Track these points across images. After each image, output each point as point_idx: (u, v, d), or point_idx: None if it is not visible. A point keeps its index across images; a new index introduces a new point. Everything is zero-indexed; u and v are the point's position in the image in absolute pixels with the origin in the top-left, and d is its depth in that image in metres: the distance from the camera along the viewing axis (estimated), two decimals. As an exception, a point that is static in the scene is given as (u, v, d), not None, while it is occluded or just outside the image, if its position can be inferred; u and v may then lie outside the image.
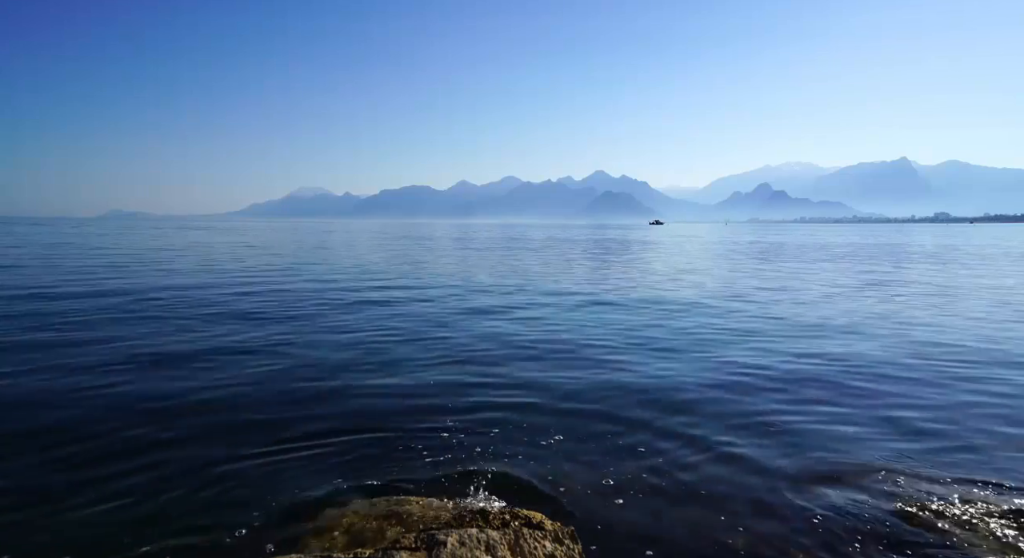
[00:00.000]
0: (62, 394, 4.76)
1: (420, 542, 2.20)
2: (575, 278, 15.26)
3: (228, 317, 8.45)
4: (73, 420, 4.17)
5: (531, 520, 2.38)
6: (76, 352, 6.15)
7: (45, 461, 3.53)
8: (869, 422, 4.39)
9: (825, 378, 5.60)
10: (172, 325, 7.75)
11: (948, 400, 4.96)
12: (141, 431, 4.01)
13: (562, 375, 5.57)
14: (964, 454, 3.82)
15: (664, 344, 7.02)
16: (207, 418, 4.29)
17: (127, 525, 2.86)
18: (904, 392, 5.18)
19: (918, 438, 4.08)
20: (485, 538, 2.22)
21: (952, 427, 4.31)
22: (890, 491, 3.29)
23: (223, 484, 3.29)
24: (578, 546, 2.28)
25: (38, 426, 4.06)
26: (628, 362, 6.12)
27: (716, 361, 6.21)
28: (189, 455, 3.65)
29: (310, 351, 6.44)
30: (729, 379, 5.52)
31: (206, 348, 6.47)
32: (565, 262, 21.17)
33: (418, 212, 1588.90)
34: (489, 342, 7.01)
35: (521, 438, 3.97)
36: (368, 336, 7.26)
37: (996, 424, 4.38)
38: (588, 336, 7.47)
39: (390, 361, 6.04)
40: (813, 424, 4.35)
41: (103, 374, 5.33)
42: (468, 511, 2.49)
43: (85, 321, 7.92)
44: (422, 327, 7.92)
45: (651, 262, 21.71)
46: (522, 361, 6.09)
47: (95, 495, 3.13)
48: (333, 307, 9.67)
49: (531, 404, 4.69)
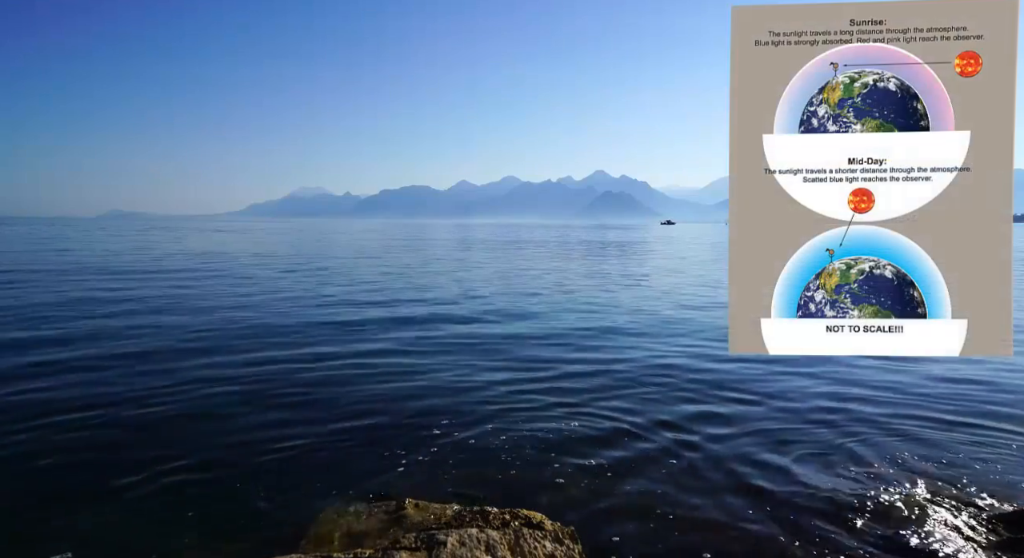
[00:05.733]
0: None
1: (420, 542, 2.20)
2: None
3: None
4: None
5: (531, 520, 2.38)
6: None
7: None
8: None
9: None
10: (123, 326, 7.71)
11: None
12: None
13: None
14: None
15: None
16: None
17: (117, 522, 2.88)
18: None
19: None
20: (485, 538, 2.22)
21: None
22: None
23: (223, 483, 3.31)
24: (578, 546, 2.28)
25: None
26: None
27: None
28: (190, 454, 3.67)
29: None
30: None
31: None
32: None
33: (418, 212, 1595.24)
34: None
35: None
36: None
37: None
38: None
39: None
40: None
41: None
42: (468, 511, 2.49)
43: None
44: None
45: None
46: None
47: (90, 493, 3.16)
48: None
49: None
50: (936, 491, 3.25)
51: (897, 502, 3.13)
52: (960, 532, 2.83)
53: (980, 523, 2.90)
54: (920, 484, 3.32)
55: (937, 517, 2.97)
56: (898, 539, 2.81)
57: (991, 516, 2.95)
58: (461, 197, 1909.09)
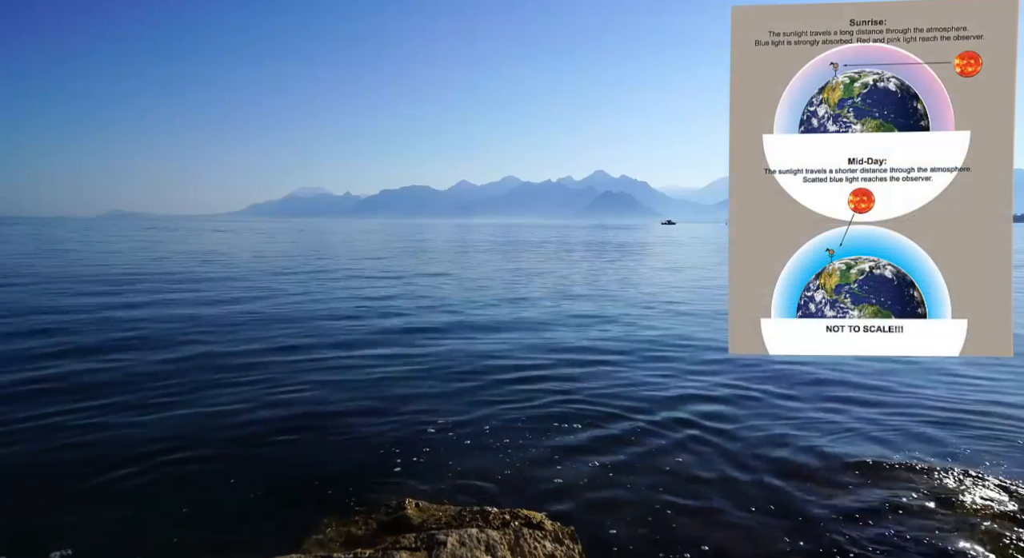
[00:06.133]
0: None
1: (420, 542, 2.20)
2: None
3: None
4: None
5: (531, 520, 2.38)
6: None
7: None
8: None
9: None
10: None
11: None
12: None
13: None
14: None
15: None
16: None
17: (117, 524, 2.88)
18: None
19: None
20: (485, 538, 2.22)
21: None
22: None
23: (223, 483, 3.31)
24: (578, 546, 2.28)
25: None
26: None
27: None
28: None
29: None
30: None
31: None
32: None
33: (418, 212, 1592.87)
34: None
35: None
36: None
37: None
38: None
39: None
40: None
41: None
42: (468, 511, 2.49)
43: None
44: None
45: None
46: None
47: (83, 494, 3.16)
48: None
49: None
50: (937, 487, 3.25)
51: (897, 500, 3.14)
52: (961, 529, 2.83)
53: (980, 517, 2.90)
54: (922, 479, 3.32)
55: (939, 513, 2.97)
56: (899, 537, 2.80)
57: (993, 512, 2.95)
58: (461, 197, 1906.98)
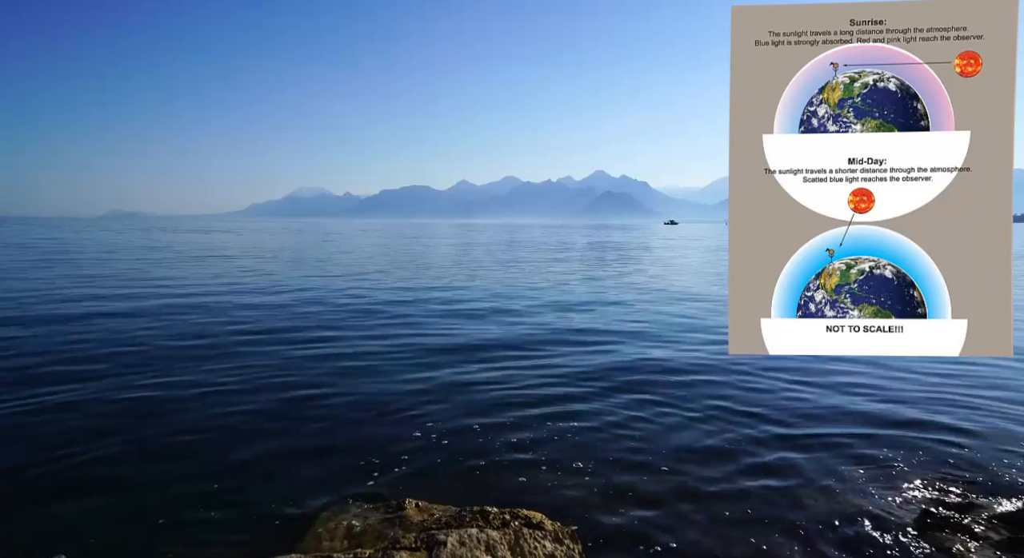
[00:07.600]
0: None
1: (420, 542, 2.20)
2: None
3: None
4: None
5: (531, 520, 2.38)
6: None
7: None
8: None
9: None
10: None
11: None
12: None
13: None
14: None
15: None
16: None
17: (115, 522, 2.88)
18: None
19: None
20: (485, 538, 2.22)
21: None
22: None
23: (222, 482, 3.31)
24: (578, 546, 2.28)
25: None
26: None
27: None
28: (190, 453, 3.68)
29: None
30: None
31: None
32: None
33: (418, 212, 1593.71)
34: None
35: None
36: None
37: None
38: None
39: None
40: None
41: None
42: (468, 511, 2.49)
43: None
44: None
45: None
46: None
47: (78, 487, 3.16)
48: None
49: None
50: (937, 491, 3.25)
51: (898, 500, 3.14)
52: (961, 532, 2.83)
53: (979, 522, 2.90)
54: (920, 484, 3.33)
55: (938, 517, 2.97)
56: (899, 538, 2.81)
57: (992, 515, 2.95)
58: (461, 197, 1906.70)
